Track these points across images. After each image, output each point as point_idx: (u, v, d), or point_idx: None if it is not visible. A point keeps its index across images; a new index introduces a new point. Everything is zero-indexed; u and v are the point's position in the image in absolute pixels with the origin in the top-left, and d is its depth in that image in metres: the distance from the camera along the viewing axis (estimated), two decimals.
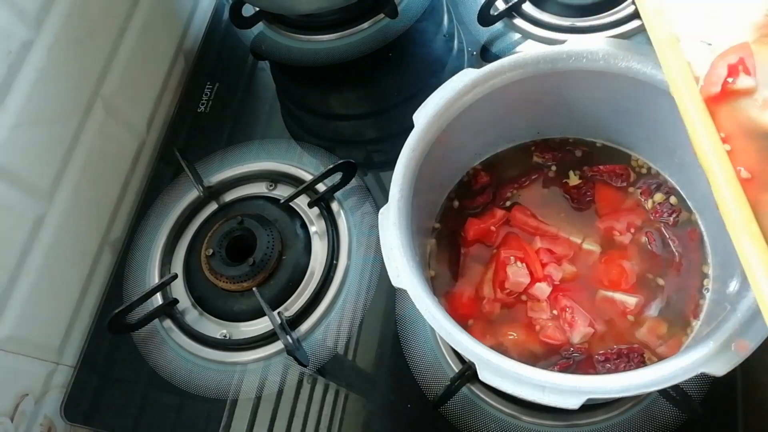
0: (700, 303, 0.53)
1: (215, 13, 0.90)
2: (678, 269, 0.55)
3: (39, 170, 0.64)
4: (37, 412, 0.64)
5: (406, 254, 0.48)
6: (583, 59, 0.53)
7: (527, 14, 0.76)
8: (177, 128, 0.81)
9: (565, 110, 0.59)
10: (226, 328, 0.65)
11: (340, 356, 0.63)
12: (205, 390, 0.63)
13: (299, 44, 0.82)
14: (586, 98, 0.57)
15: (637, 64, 0.52)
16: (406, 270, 0.47)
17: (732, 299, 0.46)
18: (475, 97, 0.54)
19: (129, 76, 0.76)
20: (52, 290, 0.66)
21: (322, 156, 0.74)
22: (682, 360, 0.41)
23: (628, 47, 0.52)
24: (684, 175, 0.57)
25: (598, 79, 0.54)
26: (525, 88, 0.55)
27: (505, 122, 0.59)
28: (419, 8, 0.81)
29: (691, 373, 0.40)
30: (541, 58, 0.54)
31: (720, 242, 0.54)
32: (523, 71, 0.54)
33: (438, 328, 0.45)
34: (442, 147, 0.55)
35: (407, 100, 0.77)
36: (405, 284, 0.46)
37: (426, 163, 0.53)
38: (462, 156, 0.61)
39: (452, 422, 0.57)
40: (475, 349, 0.44)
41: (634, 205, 0.58)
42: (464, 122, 0.55)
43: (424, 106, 0.53)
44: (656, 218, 0.57)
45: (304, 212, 0.70)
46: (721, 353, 0.41)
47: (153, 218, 0.73)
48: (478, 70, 0.54)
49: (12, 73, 0.60)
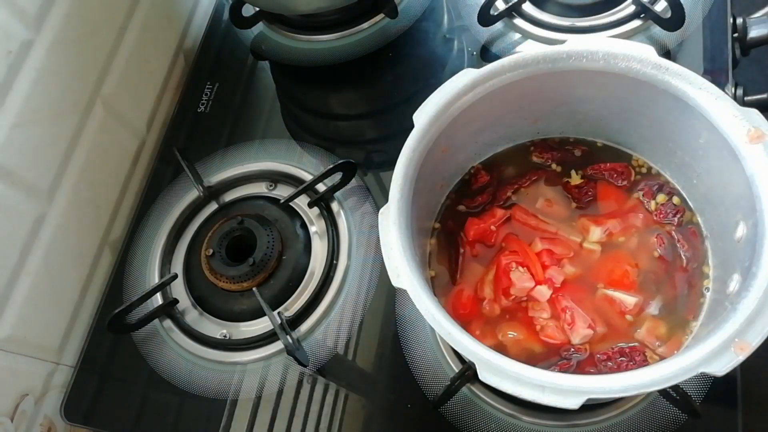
0: (700, 303, 0.53)
1: (215, 13, 0.90)
2: (681, 271, 0.55)
3: (39, 170, 0.64)
4: (37, 412, 0.64)
5: (406, 254, 0.48)
6: (583, 59, 0.53)
7: (527, 14, 0.76)
8: (177, 128, 0.81)
9: (565, 110, 0.59)
10: (226, 328, 0.65)
11: (340, 356, 0.63)
12: (205, 390, 0.63)
13: (299, 44, 0.82)
14: (586, 98, 0.57)
15: (637, 64, 0.52)
16: (406, 270, 0.47)
17: (732, 299, 0.46)
18: (475, 97, 0.54)
19: (129, 76, 0.76)
20: (52, 290, 0.66)
21: (322, 156, 0.74)
22: (682, 359, 0.41)
23: (629, 47, 0.52)
24: (684, 176, 0.57)
25: (598, 78, 0.54)
26: (525, 87, 0.55)
27: (505, 122, 0.59)
28: (419, 8, 0.81)
29: (692, 373, 0.40)
30: (541, 58, 0.54)
31: (720, 242, 0.54)
32: (523, 71, 0.54)
33: (438, 328, 0.45)
34: (442, 147, 0.55)
35: (407, 100, 0.77)
36: (405, 284, 0.46)
37: (426, 163, 0.53)
38: (462, 156, 0.61)
39: (452, 422, 0.57)
40: (475, 349, 0.43)
41: (636, 206, 0.58)
42: (464, 122, 0.55)
43: (424, 106, 0.53)
44: (660, 219, 0.57)
45: (304, 212, 0.70)
46: (722, 353, 0.40)
47: (153, 218, 0.73)
48: (478, 70, 0.54)
49: (12, 73, 0.60)
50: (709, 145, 0.51)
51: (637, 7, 0.72)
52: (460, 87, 0.53)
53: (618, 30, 0.72)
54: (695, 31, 0.71)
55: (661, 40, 0.71)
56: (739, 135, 0.48)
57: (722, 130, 0.49)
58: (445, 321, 0.45)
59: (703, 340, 0.42)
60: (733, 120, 0.48)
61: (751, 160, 0.47)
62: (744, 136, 0.47)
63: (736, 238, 0.50)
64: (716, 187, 0.53)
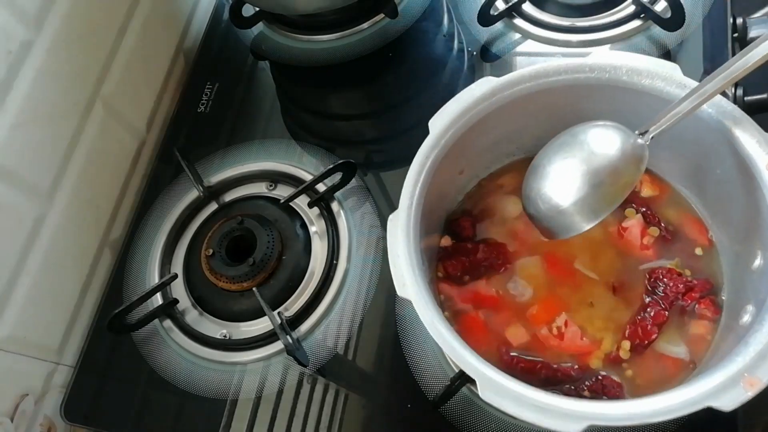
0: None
1: (215, 13, 0.90)
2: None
3: (39, 170, 0.64)
4: (37, 412, 0.64)
5: (412, 264, 0.47)
6: (606, 73, 0.52)
7: (527, 14, 0.76)
8: (177, 128, 0.81)
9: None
10: (226, 328, 0.65)
11: (340, 356, 0.63)
12: (205, 390, 0.63)
13: (299, 44, 0.82)
14: (604, 113, 0.55)
15: (661, 82, 0.50)
16: (412, 280, 0.46)
17: (743, 331, 0.45)
18: (492, 106, 0.53)
19: (129, 76, 0.76)
20: (52, 290, 0.66)
21: (322, 156, 0.74)
22: (688, 391, 0.40)
23: (654, 64, 0.51)
24: (703, 196, 0.56)
25: (619, 94, 0.53)
26: (544, 100, 0.54)
27: (522, 134, 0.58)
28: (419, 8, 0.81)
29: (697, 407, 0.39)
30: (562, 69, 0.52)
31: (737, 270, 0.53)
32: (543, 81, 0.53)
33: (442, 343, 0.44)
34: (456, 155, 0.54)
35: (407, 100, 0.77)
36: (410, 294, 0.45)
37: (438, 172, 0.52)
38: (475, 165, 0.60)
39: (452, 422, 0.57)
40: (478, 366, 0.43)
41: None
42: (480, 132, 0.54)
43: (440, 113, 0.52)
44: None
45: (304, 212, 0.70)
46: (730, 388, 0.39)
47: (153, 218, 0.73)
48: (498, 79, 0.53)
49: (12, 73, 0.60)
50: (731, 170, 0.50)
51: (637, 7, 0.72)
52: (478, 95, 0.52)
53: (618, 30, 0.72)
54: (695, 31, 0.71)
55: (661, 40, 0.71)
56: (762, 161, 0.47)
57: (745, 154, 0.48)
58: (449, 335, 0.44)
59: (710, 372, 0.41)
60: (756, 146, 0.47)
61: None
62: (766, 162, 0.46)
63: (753, 267, 0.49)
64: (735, 211, 0.52)
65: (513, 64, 0.76)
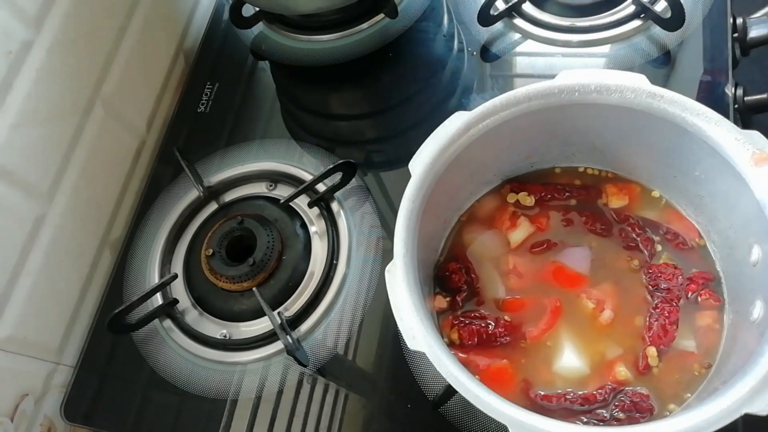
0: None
1: (215, 13, 0.90)
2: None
3: (39, 170, 0.64)
4: (37, 412, 0.64)
5: (419, 313, 0.46)
6: (575, 93, 0.52)
7: (527, 14, 0.76)
8: (177, 128, 0.81)
9: (558, 143, 0.59)
10: (226, 328, 0.65)
11: (340, 356, 0.63)
12: (205, 390, 0.63)
13: (299, 44, 0.82)
14: (579, 130, 0.56)
15: (630, 93, 0.51)
16: (421, 331, 0.45)
17: (757, 329, 0.45)
18: (469, 140, 0.53)
19: (129, 76, 0.76)
20: (52, 290, 0.66)
21: (322, 156, 0.74)
22: (723, 401, 0.39)
23: (621, 78, 0.51)
24: (686, 199, 0.57)
25: (591, 110, 0.53)
26: (518, 124, 0.54)
27: (499, 160, 0.59)
28: (419, 8, 0.81)
29: (735, 415, 0.38)
30: (533, 95, 0.53)
31: (733, 267, 0.53)
32: (515, 109, 0.53)
33: (464, 392, 0.43)
34: (439, 195, 0.54)
35: (407, 100, 0.77)
36: (422, 347, 0.44)
37: (425, 215, 0.52)
38: (460, 196, 0.60)
39: (452, 422, 0.57)
40: (507, 410, 0.41)
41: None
42: (459, 165, 0.54)
43: (419, 155, 0.52)
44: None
45: (304, 212, 0.70)
46: (763, 391, 0.39)
47: (153, 218, 0.73)
48: (470, 113, 0.53)
49: (12, 73, 0.60)
50: (711, 170, 0.51)
51: (637, 7, 0.72)
52: (453, 132, 0.53)
53: (618, 30, 0.72)
54: (695, 31, 0.71)
55: (661, 40, 0.71)
56: (744, 158, 0.47)
57: (725, 154, 0.48)
58: (470, 382, 0.43)
59: (739, 378, 0.40)
60: (735, 144, 0.47)
61: (760, 183, 0.46)
62: (749, 160, 0.47)
63: (751, 262, 0.49)
64: (722, 210, 0.52)
65: (513, 64, 0.76)
